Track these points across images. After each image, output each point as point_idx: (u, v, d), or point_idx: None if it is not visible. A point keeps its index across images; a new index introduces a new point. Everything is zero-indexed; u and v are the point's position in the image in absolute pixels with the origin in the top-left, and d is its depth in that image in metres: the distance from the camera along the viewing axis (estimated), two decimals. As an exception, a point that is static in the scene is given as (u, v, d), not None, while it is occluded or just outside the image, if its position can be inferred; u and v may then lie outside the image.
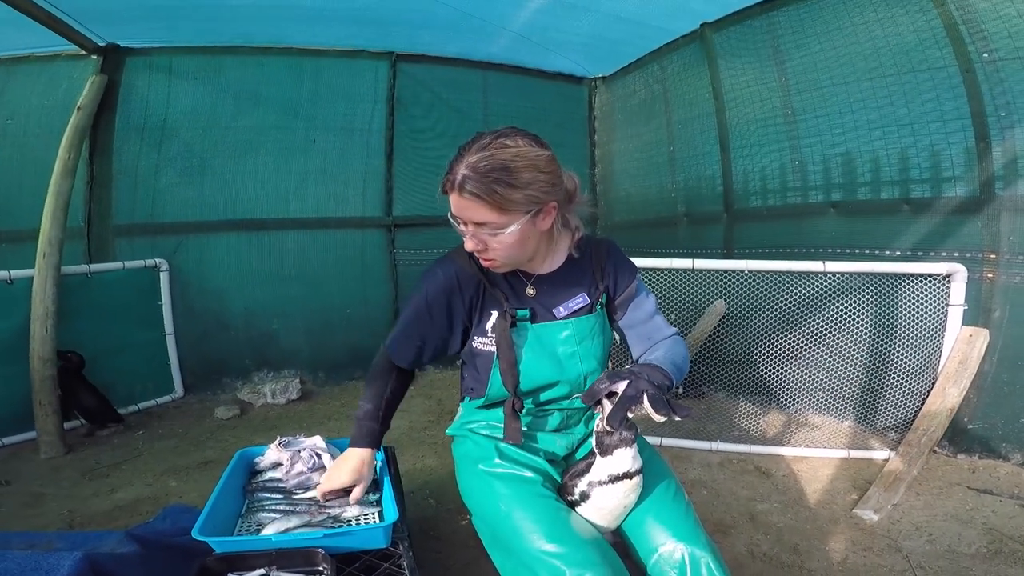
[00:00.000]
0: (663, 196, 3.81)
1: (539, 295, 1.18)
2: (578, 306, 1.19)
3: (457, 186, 1.00)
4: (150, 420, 3.07)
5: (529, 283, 1.18)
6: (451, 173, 1.01)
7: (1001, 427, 2.23)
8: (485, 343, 1.18)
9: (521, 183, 0.99)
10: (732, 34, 3.16)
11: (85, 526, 1.97)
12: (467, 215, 1.03)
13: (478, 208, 1.00)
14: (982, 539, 1.78)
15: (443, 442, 2.66)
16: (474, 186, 0.98)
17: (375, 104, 3.76)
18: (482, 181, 0.98)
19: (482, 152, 0.99)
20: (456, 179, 1.00)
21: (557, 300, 1.18)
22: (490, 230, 1.03)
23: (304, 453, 1.29)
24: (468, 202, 1.00)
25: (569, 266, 1.21)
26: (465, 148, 1.03)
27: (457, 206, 1.03)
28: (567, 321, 1.18)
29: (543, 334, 1.17)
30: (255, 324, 3.60)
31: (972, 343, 2.26)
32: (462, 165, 1.00)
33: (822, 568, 1.69)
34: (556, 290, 1.19)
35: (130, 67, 3.27)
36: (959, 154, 2.29)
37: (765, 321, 2.76)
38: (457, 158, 1.02)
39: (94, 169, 3.20)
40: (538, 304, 1.18)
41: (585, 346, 1.19)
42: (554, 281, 1.19)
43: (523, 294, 1.18)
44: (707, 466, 2.41)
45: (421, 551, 1.75)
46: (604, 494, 1.03)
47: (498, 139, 1.02)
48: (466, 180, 0.98)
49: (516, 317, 1.15)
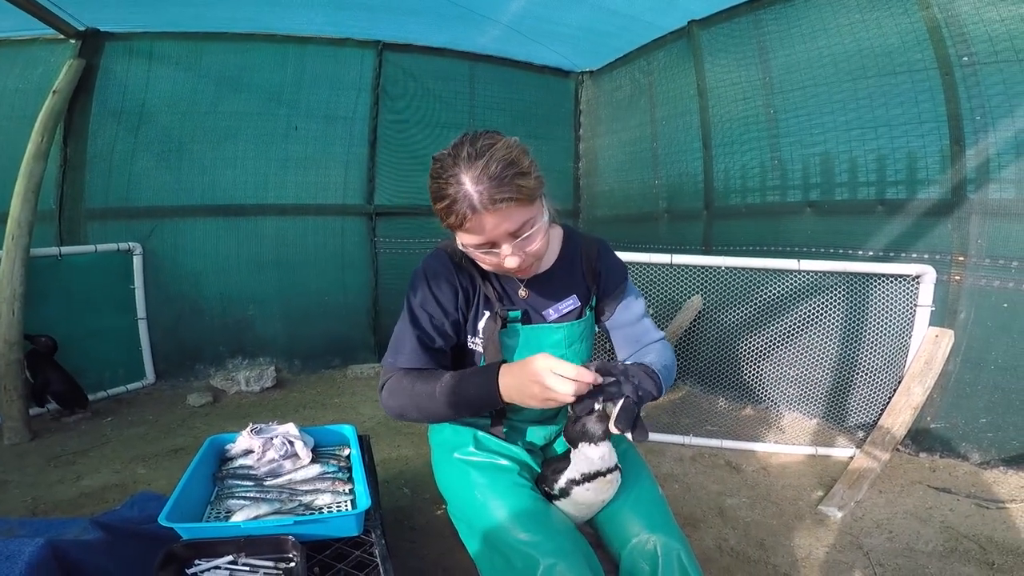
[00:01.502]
0: (645, 192, 3.84)
1: (531, 297, 1.16)
2: (568, 309, 1.17)
3: (482, 205, 0.91)
4: (120, 407, 3.00)
5: (522, 284, 1.15)
6: (461, 199, 0.91)
7: (961, 427, 2.30)
8: (475, 343, 1.15)
9: (526, 168, 0.95)
10: (719, 32, 3.19)
11: (49, 513, 1.93)
12: (503, 228, 0.94)
13: (513, 212, 0.93)
14: (939, 537, 1.84)
15: (420, 432, 2.66)
16: (502, 191, 0.91)
17: (359, 92, 3.73)
18: (504, 183, 0.91)
19: (479, 160, 0.91)
20: (476, 199, 0.91)
21: (548, 302, 1.16)
22: (527, 229, 0.97)
23: (276, 440, 1.27)
24: (501, 212, 0.92)
25: (560, 267, 1.19)
26: (452, 168, 0.93)
27: (488, 226, 0.94)
28: (559, 325, 1.16)
29: (534, 337, 1.15)
30: (230, 310, 3.55)
31: (938, 343, 2.32)
32: (469, 184, 0.91)
33: (786, 564, 1.73)
34: (548, 292, 1.17)
35: (109, 52, 3.21)
36: (934, 156, 2.35)
37: (740, 317, 2.81)
38: (450, 182, 0.92)
39: (68, 152, 3.14)
40: (530, 306, 1.16)
41: (574, 349, 1.18)
42: (546, 282, 1.17)
43: (516, 295, 1.15)
44: (680, 460, 2.45)
45: (395, 540, 1.76)
46: (583, 492, 1.04)
47: (475, 143, 0.94)
48: (492, 191, 0.90)
49: (507, 319, 1.12)
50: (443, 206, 0.95)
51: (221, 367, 3.48)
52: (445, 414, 1.03)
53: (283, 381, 3.47)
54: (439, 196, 0.95)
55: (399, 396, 1.06)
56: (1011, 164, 2.12)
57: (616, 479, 1.06)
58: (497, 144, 0.94)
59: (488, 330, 1.10)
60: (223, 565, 0.94)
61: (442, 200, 0.94)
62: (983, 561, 1.70)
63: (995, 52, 2.10)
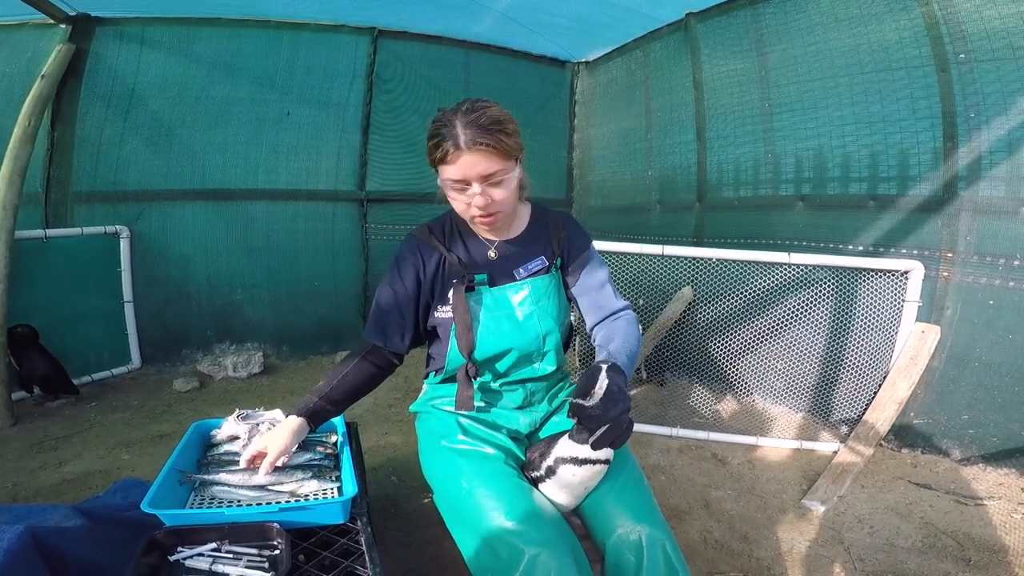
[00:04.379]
0: (638, 183, 3.83)
1: (500, 258, 1.24)
2: (537, 268, 1.25)
3: (466, 144, 1.04)
4: (104, 391, 2.97)
5: (492, 247, 1.24)
6: (449, 138, 1.05)
7: (944, 423, 2.33)
8: (446, 311, 1.21)
9: (511, 131, 1.09)
10: (717, 25, 3.17)
11: (31, 500, 1.91)
12: (477, 170, 1.07)
13: (488, 158, 1.06)
14: (918, 533, 1.86)
15: (408, 420, 2.65)
16: (484, 137, 1.04)
17: (353, 79, 3.69)
18: (488, 131, 1.05)
19: (473, 113, 1.06)
20: (462, 138, 1.04)
21: (518, 263, 1.24)
22: (497, 178, 1.09)
23: (262, 427, 1.25)
24: (478, 155, 1.05)
25: (529, 233, 1.28)
26: (450, 115, 1.07)
27: (465, 164, 1.06)
28: (525, 282, 1.23)
29: (501, 297, 1.22)
30: (218, 294, 3.52)
31: (924, 339, 2.35)
32: (459, 127, 1.04)
33: (769, 557, 1.75)
34: (517, 254, 1.25)
35: (100, 36, 3.17)
36: (926, 153, 2.35)
37: (730, 309, 2.82)
38: (445, 125, 1.06)
39: (55, 136, 3.10)
40: (498, 268, 1.23)
41: (542, 306, 1.23)
42: (515, 246, 1.26)
43: (484, 258, 1.24)
44: (666, 451, 2.47)
45: (382, 528, 1.76)
46: (570, 472, 1.03)
47: (475, 103, 1.08)
48: (475, 135, 1.04)
49: (474, 282, 1.19)
50: (433, 143, 1.08)
51: (208, 352, 3.45)
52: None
53: (271, 367, 3.45)
54: (432, 134, 1.09)
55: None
56: (1003, 162, 2.13)
57: (604, 470, 1.06)
58: (492, 107, 1.09)
59: (457, 295, 1.18)
60: (206, 552, 0.93)
61: (434, 138, 1.08)
62: (960, 557, 1.73)
63: (992, 50, 2.10)
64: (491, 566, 0.98)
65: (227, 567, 0.90)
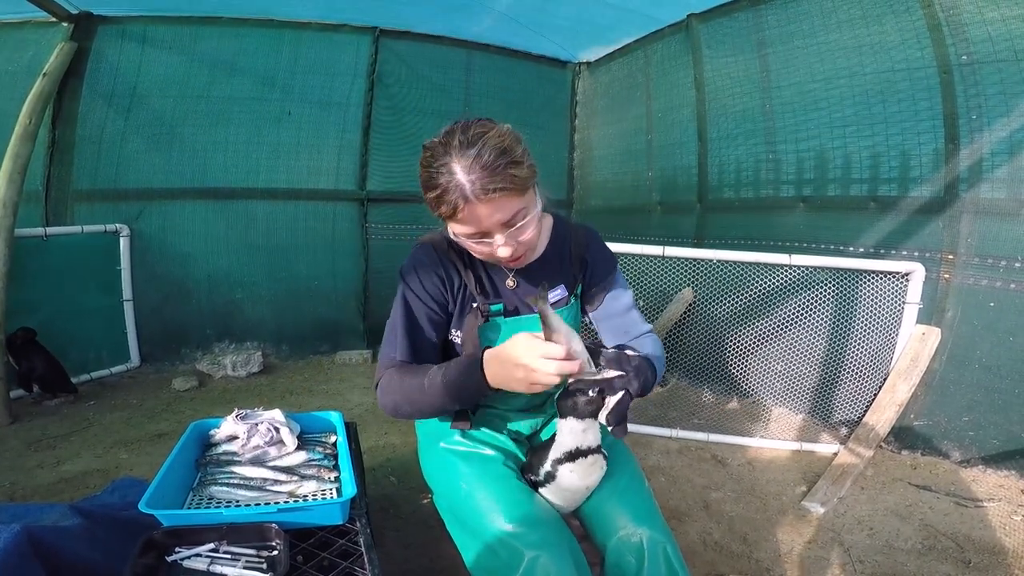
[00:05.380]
0: (639, 184, 3.83)
1: (520, 287, 1.14)
2: (557, 298, 1.15)
3: (474, 194, 0.89)
4: (103, 390, 2.97)
5: (511, 275, 1.14)
6: (453, 190, 0.90)
7: (944, 425, 2.33)
8: (457, 336, 1.13)
9: (519, 156, 0.93)
10: (718, 26, 3.16)
11: (28, 499, 1.90)
12: (496, 218, 0.93)
13: (506, 202, 0.92)
14: (918, 535, 1.86)
15: (408, 421, 2.65)
16: (495, 181, 0.89)
17: (354, 78, 3.70)
18: (496, 172, 0.89)
19: (471, 149, 0.89)
20: (468, 188, 0.89)
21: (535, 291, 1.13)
22: (519, 220, 0.96)
23: (261, 427, 1.25)
24: (495, 202, 0.91)
25: (550, 254, 1.17)
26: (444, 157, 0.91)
27: (479, 216, 0.92)
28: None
29: (517, 330, 1.06)
30: (218, 293, 3.52)
31: (924, 341, 2.34)
32: (460, 173, 0.89)
33: (769, 559, 1.74)
34: (537, 281, 1.13)
35: (102, 35, 3.18)
36: (928, 155, 2.35)
37: (730, 311, 2.82)
38: (441, 171, 0.91)
39: (56, 134, 3.11)
40: (517, 297, 1.14)
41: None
42: (536, 271, 1.14)
43: (502, 287, 1.14)
44: (666, 453, 2.46)
45: (381, 529, 1.75)
46: (568, 474, 1.03)
47: (467, 132, 0.92)
48: (484, 181, 0.89)
49: (488, 314, 1.10)
50: (434, 196, 0.93)
51: (207, 351, 3.45)
52: (436, 406, 1.01)
53: (270, 366, 3.45)
54: (430, 185, 0.94)
55: (391, 392, 1.04)
56: (1004, 164, 2.13)
57: (600, 463, 1.05)
58: (489, 132, 0.92)
59: (468, 325, 1.09)
60: (204, 553, 0.93)
61: (433, 190, 0.93)
62: (960, 559, 1.73)
63: (994, 52, 2.10)
64: (490, 568, 0.98)
65: (225, 568, 0.90)
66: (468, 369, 0.95)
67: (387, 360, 1.08)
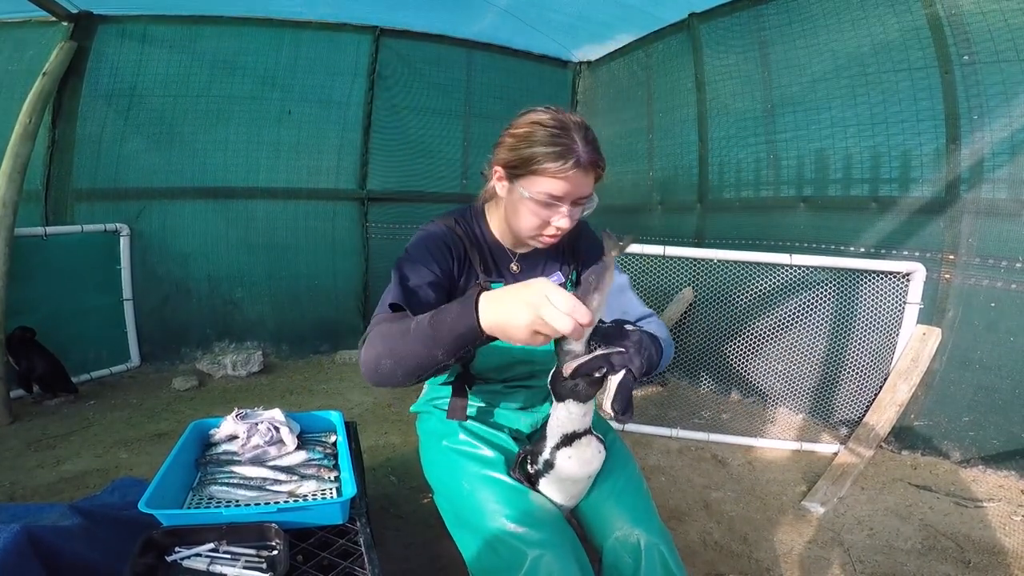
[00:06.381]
0: (639, 183, 3.83)
1: (521, 272, 1.18)
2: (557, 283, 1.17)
3: (586, 163, 0.98)
4: (103, 390, 2.97)
5: (514, 260, 1.18)
6: (572, 152, 0.97)
7: (944, 425, 2.33)
8: None
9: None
10: (720, 25, 3.16)
11: (28, 498, 1.90)
12: (581, 191, 1.02)
13: (591, 182, 1.03)
14: (918, 535, 1.86)
15: (407, 420, 2.65)
16: (598, 161, 1.01)
17: (355, 78, 3.69)
18: (599, 154, 1.01)
19: (587, 131, 1.01)
20: (584, 156, 0.98)
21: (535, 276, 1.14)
22: (588, 202, 1.05)
23: (261, 426, 1.25)
24: (588, 177, 1.01)
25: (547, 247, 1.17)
26: (567, 123, 0.99)
27: (577, 182, 1.00)
28: None
29: None
30: (218, 292, 3.51)
31: (925, 341, 2.34)
32: (579, 143, 0.98)
33: (769, 559, 1.74)
34: (537, 266, 1.20)
35: (102, 34, 3.18)
36: (929, 155, 2.35)
37: (731, 311, 2.82)
38: (564, 135, 0.98)
39: (56, 133, 3.11)
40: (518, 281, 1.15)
41: None
42: (535, 258, 1.20)
43: (506, 269, 1.17)
44: (666, 452, 2.46)
45: (381, 529, 1.75)
46: (566, 461, 1.00)
47: (578, 116, 1.03)
48: (595, 156, 0.99)
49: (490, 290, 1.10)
50: (548, 152, 0.97)
51: (207, 350, 3.45)
52: (420, 355, 0.84)
53: (270, 366, 3.45)
54: (549, 142, 0.97)
55: (374, 343, 0.89)
56: (1005, 164, 2.13)
57: (599, 448, 1.02)
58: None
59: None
60: (204, 552, 0.93)
61: (550, 147, 0.97)
62: (959, 559, 1.73)
63: (996, 51, 2.10)
64: (492, 567, 0.98)
65: (225, 567, 0.89)
66: (460, 307, 0.82)
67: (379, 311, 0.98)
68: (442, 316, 0.83)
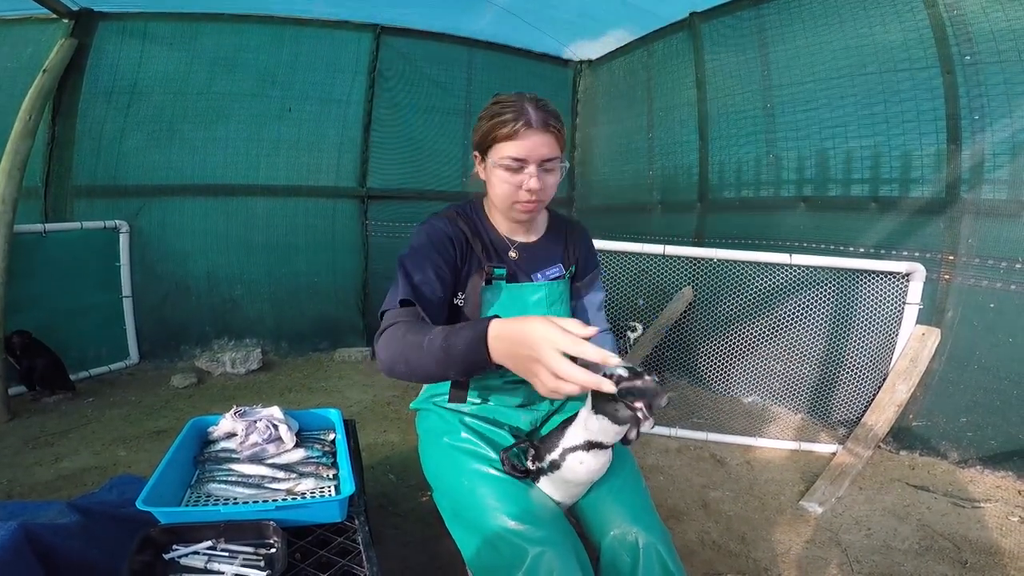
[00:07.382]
0: (639, 182, 3.83)
1: (520, 260, 1.22)
2: (555, 275, 1.24)
3: (537, 123, 1.07)
4: (102, 387, 2.96)
5: (513, 247, 1.23)
6: (521, 116, 1.07)
7: (942, 426, 2.33)
8: (460, 299, 1.17)
9: (563, 124, 1.14)
10: (721, 24, 3.16)
11: (25, 496, 1.90)
12: (540, 151, 1.09)
13: (551, 143, 1.10)
14: (915, 535, 1.86)
15: (406, 418, 2.65)
16: (554, 122, 1.10)
17: (355, 76, 3.69)
18: (555, 118, 1.11)
19: (540, 101, 1.11)
20: (534, 117, 1.07)
21: (536, 267, 1.23)
22: (552, 165, 1.12)
23: (260, 424, 1.25)
24: (546, 137, 1.09)
25: (548, 237, 1.28)
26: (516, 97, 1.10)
27: (532, 143, 1.08)
28: (541, 284, 1.21)
29: (517, 294, 1.20)
30: (218, 290, 3.51)
31: (924, 341, 2.34)
32: (530, 108, 1.08)
33: (766, 559, 1.75)
34: (536, 258, 1.24)
35: (102, 31, 3.18)
36: (929, 155, 2.35)
37: (730, 310, 2.82)
38: (512, 104, 1.08)
39: (56, 130, 3.11)
40: (518, 268, 1.21)
41: (555, 310, 1.22)
42: (535, 250, 1.25)
43: (506, 256, 1.21)
44: (665, 452, 2.46)
45: (379, 527, 1.75)
46: (576, 464, 1.00)
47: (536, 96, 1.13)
48: (547, 117, 1.09)
49: (493, 275, 1.17)
50: (499, 119, 1.08)
51: (207, 348, 3.45)
52: (431, 371, 0.90)
53: (269, 363, 3.45)
54: (497, 113, 1.09)
55: (391, 345, 0.95)
56: (1006, 165, 2.13)
57: (609, 458, 1.02)
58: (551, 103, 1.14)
59: (472, 284, 1.16)
60: (202, 550, 0.92)
61: (500, 115, 1.08)
62: (956, 560, 1.73)
63: (998, 52, 2.10)
64: (493, 565, 0.97)
65: (222, 565, 0.89)
66: (472, 336, 0.85)
67: (388, 308, 1.03)
68: (454, 341, 0.86)
